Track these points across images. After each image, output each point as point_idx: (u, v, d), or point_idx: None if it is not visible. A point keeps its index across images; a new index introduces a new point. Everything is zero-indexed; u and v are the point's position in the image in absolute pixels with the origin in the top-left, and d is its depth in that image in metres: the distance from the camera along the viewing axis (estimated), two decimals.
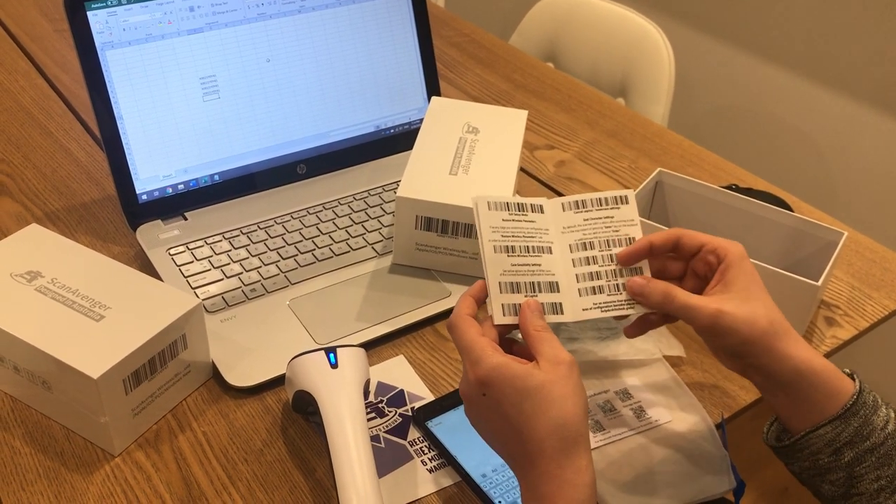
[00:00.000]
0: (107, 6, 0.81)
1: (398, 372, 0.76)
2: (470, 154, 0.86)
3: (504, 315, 0.62)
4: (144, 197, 0.87)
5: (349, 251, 0.87)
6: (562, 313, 0.64)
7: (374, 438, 0.69)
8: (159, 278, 0.81)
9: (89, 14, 0.81)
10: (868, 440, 0.59)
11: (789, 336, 0.61)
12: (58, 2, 1.42)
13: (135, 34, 0.83)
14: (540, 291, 0.65)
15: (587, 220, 0.67)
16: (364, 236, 0.89)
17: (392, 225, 0.91)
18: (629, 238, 0.67)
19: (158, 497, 0.64)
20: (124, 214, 0.87)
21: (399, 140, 1.02)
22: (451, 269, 0.85)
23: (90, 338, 0.65)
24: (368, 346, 0.78)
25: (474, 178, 0.83)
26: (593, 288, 0.65)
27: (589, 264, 0.66)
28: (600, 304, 0.65)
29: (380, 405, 0.72)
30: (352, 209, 0.92)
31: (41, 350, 0.64)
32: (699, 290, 0.65)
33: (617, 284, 0.65)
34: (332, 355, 0.68)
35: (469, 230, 0.81)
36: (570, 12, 1.61)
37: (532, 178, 1.06)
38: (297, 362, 0.69)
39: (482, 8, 2.49)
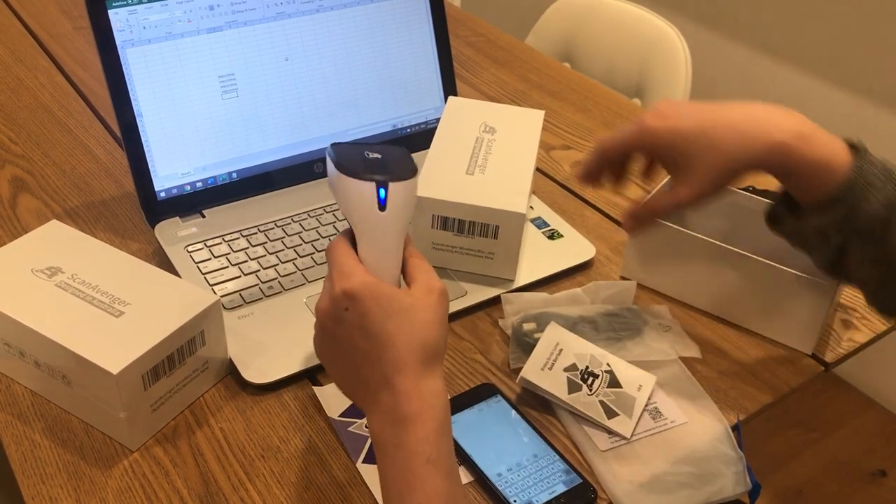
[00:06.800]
0: (127, 4, 0.82)
1: None
2: (487, 154, 0.87)
3: None
4: (163, 194, 0.88)
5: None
6: None
7: None
8: (177, 275, 0.82)
9: (110, 12, 0.81)
10: (854, 223, 0.62)
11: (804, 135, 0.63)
12: (78, 0, 1.43)
13: (155, 32, 0.84)
14: None
15: None
16: None
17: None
18: None
19: (176, 492, 0.65)
20: (143, 211, 0.87)
21: (416, 139, 1.02)
22: (466, 269, 0.85)
23: (110, 333, 0.66)
24: None
25: (491, 177, 0.83)
26: None
27: None
28: None
29: None
30: None
31: (61, 345, 0.65)
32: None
33: None
34: (382, 191, 0.58)
35: (485, 230, 0.82)
36: (587, 12, 1.61)
37: (548, 178, 1.06)
38: (342, 181, 0.59)
39: (498, 8, 2.49)
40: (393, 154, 0.62)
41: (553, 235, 0.93)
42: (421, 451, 0.52)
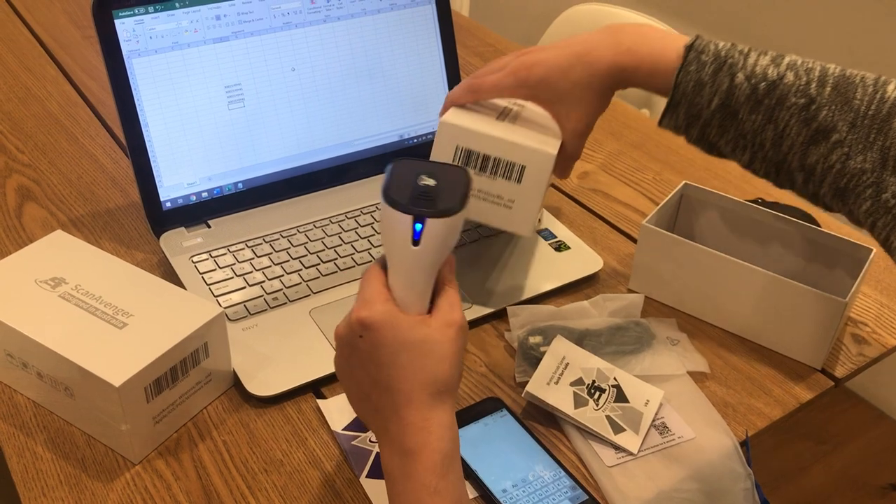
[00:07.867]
0: (134, 14, 0.82)
1: None
2: (518, 111, 0.82)
3: None
4: (168, 204, 0.87)
5: (371, 261, 0.87)
6: None
7: None
8: (182, 286, 0.81)
9: (117, 22, 0.81)
10: (698, 118, 0.67)
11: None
12: (86, 9, 1.44)
13: (161, 42, 0.84)
14: None
15: None
16: None
17: None
18: None
19: None
20: (148, 221, 0.87)
21: (423, 150, 1.01)
22: (482, 219, 0.80)
23: (113, 345, 0.65)
24: None
25: (521, 125, 0.79)
26: None
27: None
28: None
29: None
30: (374, 219, 0.92)
31: (64, 357, 0.64)
32: None
33: None
34: (418, 225, 0.56)
35: (510, 172, 0.78)
36: (596, 22, 1.60)
37: (555, 190, 1.06)
38: (383, 208, 0.57)
39: (507, 17, 2.49)
40: (449, 180, 0.57)
41: (560, 247, 0.92)
42: (427, 482, 0.53)
